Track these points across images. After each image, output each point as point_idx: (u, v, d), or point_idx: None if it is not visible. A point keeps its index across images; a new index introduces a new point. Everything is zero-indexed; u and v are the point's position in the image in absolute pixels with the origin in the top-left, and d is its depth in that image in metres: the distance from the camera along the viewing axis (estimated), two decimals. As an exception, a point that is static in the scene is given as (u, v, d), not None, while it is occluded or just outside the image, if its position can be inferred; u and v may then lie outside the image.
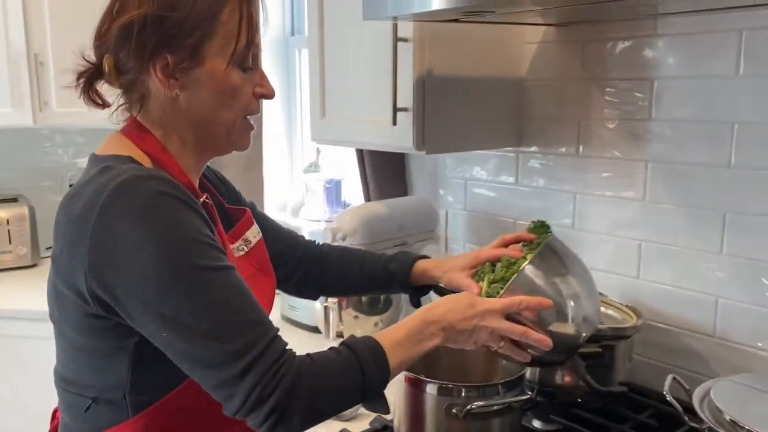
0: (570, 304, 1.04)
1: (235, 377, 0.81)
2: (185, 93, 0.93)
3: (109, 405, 0.92)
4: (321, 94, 1.63)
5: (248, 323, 0.84)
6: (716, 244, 1.33)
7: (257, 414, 0.82)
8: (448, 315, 0.97)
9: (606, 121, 1.49)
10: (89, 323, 0.89)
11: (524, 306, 0.99)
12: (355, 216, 1.64)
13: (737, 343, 1.33)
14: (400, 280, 1.23)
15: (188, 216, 0.85)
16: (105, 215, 0.83)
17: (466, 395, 1.10)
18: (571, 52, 1.53)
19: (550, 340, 0.98)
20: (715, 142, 1.31)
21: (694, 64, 1.33)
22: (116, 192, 0.83)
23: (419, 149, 1.44)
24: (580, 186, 1.56)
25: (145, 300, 0.82)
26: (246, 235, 1.10)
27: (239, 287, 0.87)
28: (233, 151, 1.02)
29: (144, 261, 0.81)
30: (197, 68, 0.91)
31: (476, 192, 1.80)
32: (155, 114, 0.95)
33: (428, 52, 1.41)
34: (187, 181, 0.95)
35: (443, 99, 1.46)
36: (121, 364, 0.90)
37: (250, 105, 0.98)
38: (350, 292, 1.39)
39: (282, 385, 0.82)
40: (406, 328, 0.95)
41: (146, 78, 0.92)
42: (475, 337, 0.98)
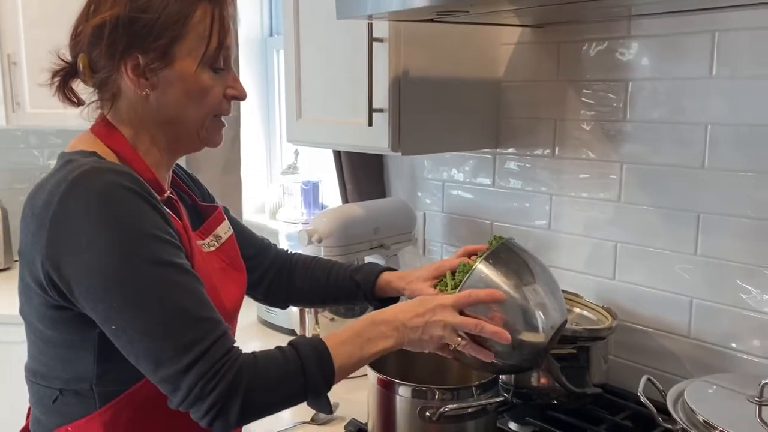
0: (530, 298, 1.03)
1: (178, 373, 0.83)
2: (155, 92, 0.95)
3: (76, 396, 0.94)
4: (297, 95, 1.62)
5: (195, 320, 0.86)
6: (691, 245, 1.34)
7: (197, 408, 0.85)
8: (399, 315, 0.98)
9: (582, 123, 1.49)
10: (52, 314, 0.91)
11: (474, 298, 0.99)
12: (332, 218, 1.62)
13: (712, 343, 1.33)
14: (365, 291, 1.23)
15: (145, 210, 0.87)
16: (63, 205, 0.85)
17: (440, 398, 1.09)
18: (547, 54, 1.53)
19: (507, 333, 0.97)
20: (689, 143, 1.31)
21: (667, 65, 1.33)
22: (75, 182, 0.85)
23: (395, 150, 1.43)
24: (556, 187, 1.56)
25: (95, 291, 0.84)
26: (216, 231, 1.11)
27: (190, 284, 0.88)
28: (205, 147, 1.04)
29: (96, 252, 0.84)
30: (167, 69, 0.94)
31: (454, 194, 1.80)
32: (125, 112, 0.97)
33: (404, 52, 1.40)
34: (152, 177, 0.97)
35: (419, 100, 1.45)
36: (86, 355, 0.91)
37: (220, 105, 1.00)
38: (317, 302, 1.38)
39: (222, 383, 0.84)
40: (353, 328, 0.97)
41: (118, 77, 0.94)
42: (429, 334, 0.97)
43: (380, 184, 1.97)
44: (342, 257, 1.62)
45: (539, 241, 1.60)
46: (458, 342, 0.98)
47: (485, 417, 1.12)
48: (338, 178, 1.96)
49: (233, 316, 1.08)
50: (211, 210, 1.13)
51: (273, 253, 1.30)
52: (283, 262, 1.30)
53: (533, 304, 1.03)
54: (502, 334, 0.97)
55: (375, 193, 1.95)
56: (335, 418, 1.40)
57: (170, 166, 1.05)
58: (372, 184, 1.95)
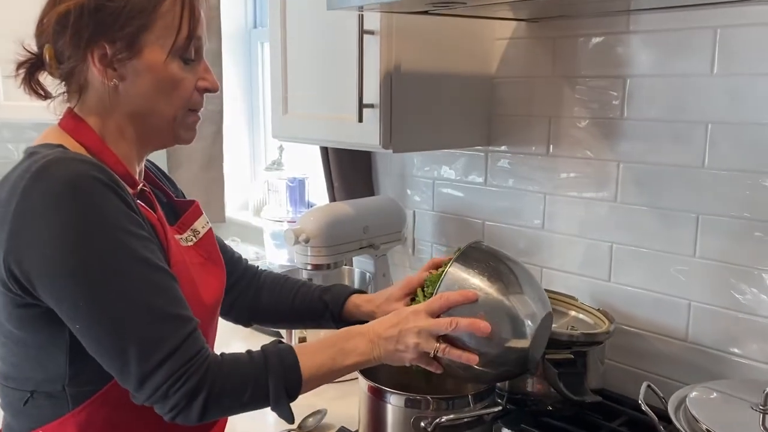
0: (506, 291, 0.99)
1: (146, 372, 0.82)
2: (124, 84, 0.91)
3: (48, 398, 0.90)
4: (283, 89, 1.56)
5: (164, 318, 0.84)
6: (689, 246, 1.30)
7: (161, 406, 0.85)
8: (375, 326, 0.97)
9: (577, 120, 1.45)
10: (20, 313, 0.86)
11: (445, 300, 0.96)
12: (319, 217, 1.57)
13: (710, 347, 1.30)
14: (333, 312, 1.19)
15: (113, 202, 0.83)
16: (26, 198, 0.81)
17: (434, 407, 1.04)
18: (542, 49, 1.49)
19: (484, 322, 0.94)
20: (689, 142, 1.28)
21: (667, 62, 1.29)
22: (38, 173, 0.81)
23: (386, 147, 1.38)
24: (550, 186, 1.52)
25: (59, 288, 0.81)
26: (194, 226, 1.08)
27: (160, 280, 0.85)
28: (177, 144, 1.00)
29: (60, 247, 0.80)
30: (136, 59, 0.90)
31: (444, 192, 1.75)
32: (93, 104, 0.93)
33: (396, 45, 1.35)
34: (123, 170, 0.93)
35: (411, 96, 1.40)
36: (58, 355, 0.88)
37: (191, 98, 0.97)
38: (281, 322, 1.34)
39: (188, 384, 0.83)
40: (327, 339, 0.95)
41: (84, 68, 0.90)
42: (404, 343, 0.95)
43: (368, 181, 1.92)
44: (330, 257, 1.56)
45: (532, 242, 1.56)
46: (436, 347, 0.95)
47: (481, 427, 1.07)
48: (325, 175, 1.91)
49: (214, 310, 1.05)
50: (187, 205, 1.09)
51: (242, 268, 1.25)
52: (251, 279, 1.26)
53: (511, 298, 0.98)
54: (477, 324, 0.94)
55: (363, 191, 1.90)
56: (321, 426, 1.35)
57: (141, 158, 1.01)
58: (360, 182, 1.90)
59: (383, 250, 1.71)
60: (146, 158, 1.04)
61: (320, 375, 0.93)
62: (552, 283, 1.51)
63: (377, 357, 0.95)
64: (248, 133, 2.60)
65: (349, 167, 1.86)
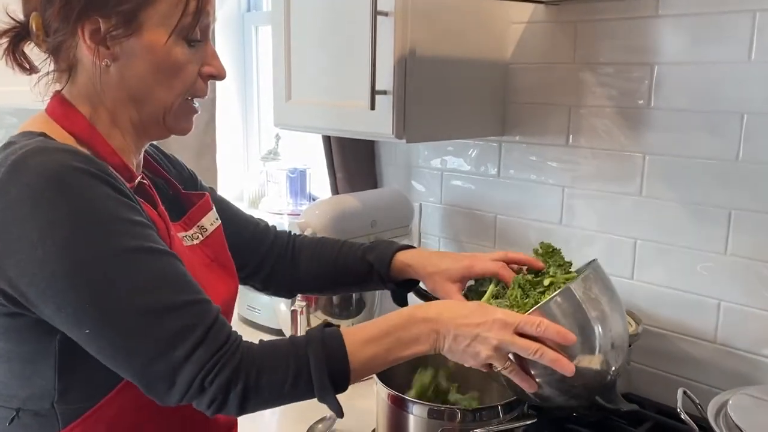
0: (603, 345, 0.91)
1: (174, 367, 0.74)
2: (117, 64, 0.81)
3: (35, 417, 0.81)
4: (287, 74, 1.47)
5: (183, 306, 0.76)
6: (720, 243, 1.24)
7: (198, 401, 0.77)
8: (445, 314, 0.84)
9: (599, 110, 1.37)
10: (3, 323, 0.77)
11: (542, 330, 0.83)
12: (325, 210, 1.48)
13: (740, 350, 1.24)
14: (380, 273, 1.09)
15: (103, 192, 0.73)
16: (3, 195, 0.71)
17: (461, 419, 0.97)
18: (562, 34, 1.41)
19: (572, 365, 0.83)
20: (722, 133, 1.21)
21: (700, 48, 1.22)
22: (15, 167, 0.71)
23: (399, 137, 1.30)
24: (569, 179, 1.44)
25: (57, 293, 0.71)
26: (201, 222, 0.98)
27: (169, 266, 0.76)
28: (170, 135, 0.89)
29: (51, 247, 0.70)
30: (133, 38, 0.80)
31: (454, 184, 1.67)
32: (83, 86, 0.83)
33: (411, 28, 1.26)
34: (118, 161, 0.83)
35: (425, 82, 1.31)
36: (45, 369, 0.79)
37: (194, 85, 0.86)
38: (325, 289, 1.22)
39: (221, 376, 0.75)
40: (384, 325, 0.83)
41: (73, 43, 0.80)
42: (475, 350, 0.83)
43: (372, 172, 1.83)
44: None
45: (549, 237, 1.48)
46: (506, 366, 0.85)
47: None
48: (328, 166, 1.82)
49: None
50: (195, 198, 0.99)
51: (272, 236, 1.15)
52: (285, 246, 1.15)
53: (608, 354, 0.90)
54: (562, 363, 0.83)
55: (366, 182, 1.81)
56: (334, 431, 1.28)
57: (139, 150, 0.91)
58: (364, 173, 1.81)
59: (390, 244, 1.63)
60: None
61: (372, 367, 0.83)
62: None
63: (438, 349, 0.85)
64: (242, 122, 2.50)
65: (352, 158, 1.77)
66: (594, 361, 0.90)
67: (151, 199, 0.88)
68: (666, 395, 1.28)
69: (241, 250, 1.07)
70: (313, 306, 1.45)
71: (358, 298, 1.50)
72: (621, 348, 0.95)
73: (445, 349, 0.85)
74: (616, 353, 0.93)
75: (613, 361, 0.93)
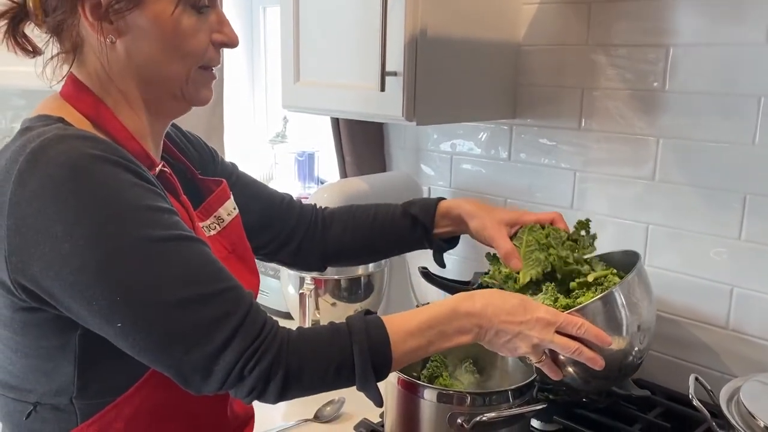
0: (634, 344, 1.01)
1: (213, 355, 0.72)
2: (123, 39, 0.77)
3: (53, 411, 0.79)
4: (295, 55, 1.45)
5: (218, 292, 0.73)
6: (734, 228, 1.22)
7: (236, 390, 0.75)
8: (489, 310, 0.84)
9: (613, 92, 1.35)
10: (22, 318, 0.74)
11: (582, 331, 0.88)
12: (335, 193, 1.47)
13: (753, 336, 1.23)
14: (424, 224, 1.08)
15: (127, 180, 0.71)
16: (23, 186, 0.68)
17: (471, 403, 0.96)
18: (575, 15, 1.38)
19: (602, 361, 0.89)
20: (739, 117, 1.19)
21: (716, 29, 1.19)
22: (35, 156, 0.68)
23: (409, 119, 1.28)
24: (581, 163, 1.42)
25: (86, 288, 0.68)
26: (219, 212, 0.95)
27: (200, 254, 0.74)
28: (191, 108, 0.86)
29: (77, 242, 0.67)
30: (137, 10, 0.76)
31: (463, 168, 1.66)
32: (92, 67, 0.80)
33: (421, 8, 1.24)
34: (137, 148, 0.80)
35: (436, 63, 1.29)
36: (65, 364, 0.76)
37: (206, 55, 0.82)
38: (364, 254, 1.19)
39: (261, 364, 0.74)
40: (426, 317, 0.83)
41: (75, 21, 0.76)
42: (515, 345, 0.86)
43: (380, 155, 1.82)
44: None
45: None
46: (540, 359, 0.89)
47: (519, 423, 1.00)
48: (336, 149, 1.80)
49: None
50: (213, 185, 0.96)
51: (297, 210, 1.13)
52: (313, 216, 1.14)
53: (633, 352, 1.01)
54: (596, 360, 0.89)
55: (375, 166, 1.80)
56: (341, 415, 1.27)
57: (160, 134, 0.88)
58: (371, 156, 1.79)
59: (399, 228, 1.61)
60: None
61: (413, 357, 0.83)
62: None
63: (479, 341, 0.86)
64: (250, 104, 2.49)
65: (361, 140, 1.75)
66: (621, 344, 0.98)
67: (173, 188, 0.85)
68: (678, 381, 1.27)
69: (267, 226, 1.06)
70: (322, 289, 1.45)
71: (366, 282, 1.49)
72: (648, 330, 1.03)
73: (485, 342, 0.87)
74: (642, 334, 1.01)
75: (638, 342, 1.01)
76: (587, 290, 1.02)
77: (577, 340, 0.89)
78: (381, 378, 0.80)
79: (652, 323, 1.07)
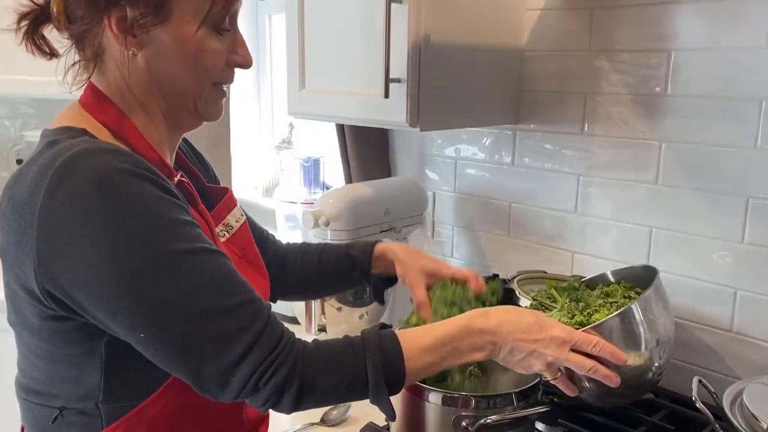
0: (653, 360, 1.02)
1: (229, 367, 0.74)
2: (144, 52, 0.79)
3: (79, 415, 0.81)
4: (300, 63, 1.46)
5: (237, 306, 0.75)
6: (737, 232, 1.23)
7: (252, 400, 0.77)
8: (504, 327, 0.85)
9: (615, 97, 1.36)
10: (49, 326, 0.76)
11: (598, 349, 0.89)
12: (339, 199, 1.48)
13: (757, 338, 1.24)
14: (363, 266, 1.12)
15: (153, 194, 0.72)
16: (52, 199, 0.70)
17: (476, 406, 0.97)
18: (577, 21, 1.39)
19: (618, 379, 0.90)
20: (740, 120, 1.20)
21: (718, 34, 1.20)
22: (64, 170, 0.70)
23: (413, 125, 1.29)
24: (584, 167, 1.43)
25: (112, 299, 0.70)
26: (227, 219, 0.97)
27: (222, 267, 0.76)
28: (202, 123, 0.88)
29: (105, 253, 0.69)
30: (161, 26, 0.78)
31: (468, 173, 1.67)
32: (112, 77, 0.81)
33: (425, 15, 1.25)
34: (156, 158, 0.81)
35: (439, 70, 1.31)
36: (91, 371, 0.78)
37: (221, 74, 0.85)
38: (310, 291, 1.24)
39: (277, 376, 0.75)
40: (440, 333, 0.84)
41: (99, 32, 0.78)
42: (530, 362, 0.87)
43: (385, 161, 1.83)
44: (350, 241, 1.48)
45: (563, 225, 1.48)
46: (555, 377, 0.90)
47: (524, 425, 1.00)
48: (341, 154, 1.82)
49: None
50: (220, 193, 0.98)
51: (271, 245, 1.16)
52: (277, 255, 1.16)
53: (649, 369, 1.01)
54: (611, 378, 0.90)
55: (380, 171, 1.81)
56: (347, 419, 1.28)
57: (174, 144, 0.90)
58: (377, 162, 1.81)
59: (404, 233, 1.63)
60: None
61: (426, 373, 0.84)
62: (585, 270, 1.44)
63: (493, 358, 0.87)
64: (256, 111, 2.51)
65: (366, 146, 1.77)
66: (639, 360, 0.99)
67: (192, 197, 0.87)
68: (681, 384, 1.27)
69: None
70: (328, 294, 1.46)
71: (371, 286, 1.50)
72: (666, 344, 1.04)
73: (499, 359, 0.88)
74: (660, 350, 1.02)
75: (657, 358, 1.01)
76: (601, 307, 1.03)
77: (593, 358, 0.90)
78: (394, 392, 0.82)
79: (671, 338, 1.07)
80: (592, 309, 1.04)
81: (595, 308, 1.04)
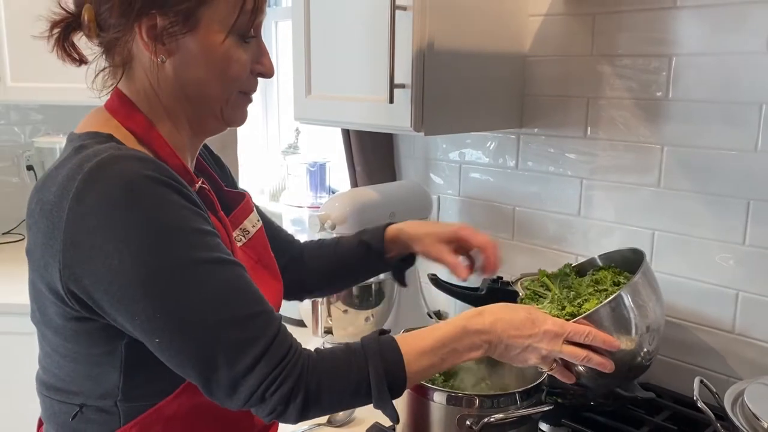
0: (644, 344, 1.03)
1: (237, 377, 0.75)
2: (172, 59, 0.81)
3: (98, 413, 0.83)
4: (306, 69, 1.49)
5: (248, 318, 0.77)
6: (739, 234, 1.24)
7: (257, 410, 0.79)
8: (498, 326, 0.87)
9: (617, 101, 1.38)
10: (73, 326, 0.79)
11: (591, 338, 0.91)
12: (345, 202, 1.50)
13: (759, 339, 1.25)
14: (377, 250, 1.14)
15: (177, 203, 0.74)
16: (79, 203, 0.72)
17: (479, 405, 0.99)
18: (580, 26, 1.41)
19: (611, 364, 0.92)
20: (741, 124, 1.21)
21: (718, 39, 1.22)
22: (92, 175, 0.72)
23: (417, 130, 1.31)
24: (587, 171, 1.45)
25: (130, 303, 0.73)
26: (244, 224, 0.99)
27: (238, 279, 0.78)
28: (227, 128, 0.91)
29: (126, 258, 0.71)
30: (189, 35, 0.80)
31: (472, 176, 1.69)
32: (140, 84, 0.84)
33: (429, 22, 1.28)
34: (179, 164, 0.84)
35: (443, 75, 1.33)
36: (111, 371, 0.81)
37: (245, 82, 0.87)
38: (332, 284, 1.26)
39: (283, 388, 0.77)
40: (437, 335, 0.86)
41: (129, 39, 0.80)
42: (525, 357, 0.89)
43: (390, 165, 1.85)
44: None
45: (567, 228, 1.50)
46: (551, 368, 0.92)
47: (527, 425, 1.02)
48: (347, 159, 1.84)
49: None
50: (238, 198, 1.00)
51: (293, 246, 1.18)
52: (293, 253, 1.18)
53: (641, 353, 1.03)
54: (605, 365, 0.92)
55: (385, 175, 1.83)
56: (353, 420, 1.30)
57: (195, 149, 0.92)
58: (382, 166, 1.83)
59: (409, 236, 1.64)
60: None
61: (426, 375, 0.86)
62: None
63: (490, 355, 0.89)
64: (263, 116, 2.53)
65: (371, 151, 1.79)
66: (629, 344, 1.00)
67: (212, 203, 0.89)
68: (683, 385, 1.29)
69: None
70: (334, 296, 1.48)
71: (377, 289, 1.52)
72: (656, 331, 1.05)
73: (495, 355, 0.90)
74: (650, 336, 1.04)
75: (646, 344, 1.03)
76: (591, 296, 1.05)
77: (585, 347, 0.92)
78: (396, 396, 0.83)
79: (661, 324, 1.09)
80: (582, 299, 1.05)
81: (585, 297, 1.05)
